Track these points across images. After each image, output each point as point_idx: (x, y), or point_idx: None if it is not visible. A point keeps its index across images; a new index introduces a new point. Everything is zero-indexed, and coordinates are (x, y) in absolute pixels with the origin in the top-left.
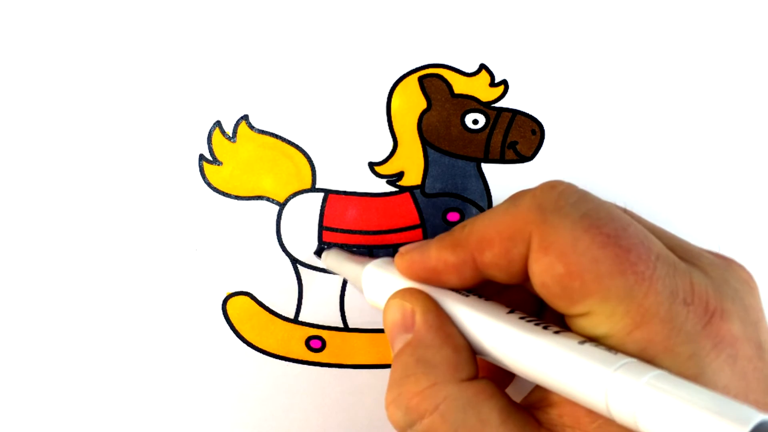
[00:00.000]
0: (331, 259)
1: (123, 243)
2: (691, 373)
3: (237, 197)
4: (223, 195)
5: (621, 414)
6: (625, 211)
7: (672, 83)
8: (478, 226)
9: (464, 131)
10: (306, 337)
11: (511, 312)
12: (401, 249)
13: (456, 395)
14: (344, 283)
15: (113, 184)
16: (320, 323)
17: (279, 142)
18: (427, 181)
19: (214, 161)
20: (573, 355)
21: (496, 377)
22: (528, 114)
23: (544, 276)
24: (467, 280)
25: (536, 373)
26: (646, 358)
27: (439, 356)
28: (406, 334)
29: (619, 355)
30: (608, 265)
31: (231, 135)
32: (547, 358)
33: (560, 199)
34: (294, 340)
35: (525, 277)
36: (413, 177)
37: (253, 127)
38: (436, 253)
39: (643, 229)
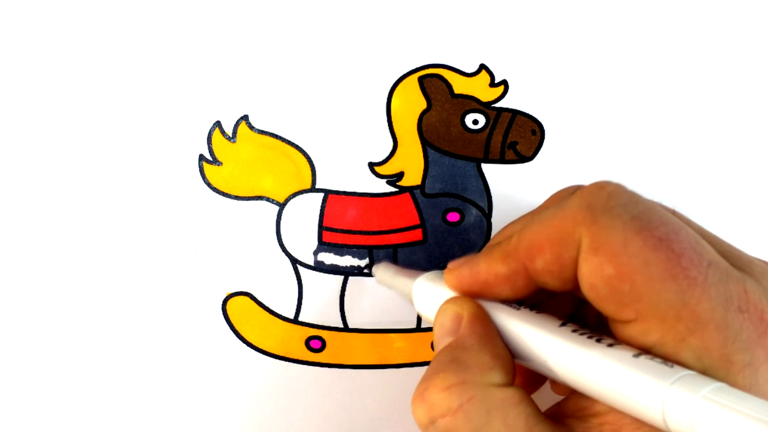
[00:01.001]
0: (381, 273)
1: (123, 243)
2: (746, 383)
3: (237, 197)
4: (223, 195)
5: (679, 427)
6: (674, 213)
7: (672, 83)
8: (526, 234)
9: (464, 131)
10: (306, 337)
11: (563, 324)
12: (449, 264)
13: (483, 396)
14: (344, 283)
15: (113, 184)
16: (320, 323)
17: (279, 142)
18: (427, 181)
19: (214, 161)
20: (628, 369)
21: (524, 385)
22: (528, 114)
23: (593, 277)
24: (520, 290)
25: (590, 386)
26: (701, 366)
27: (474, 359)
28: (450, 337)
29: (676, 368)
30: (660, 268)
31: (231, 135)
32: (602, 370)
33: (610, 200)
34: (294, 340)
35: (577, 283)
36: (413, 177)
37: (253, 127)
38: (486, 266)
39: (695, 233)
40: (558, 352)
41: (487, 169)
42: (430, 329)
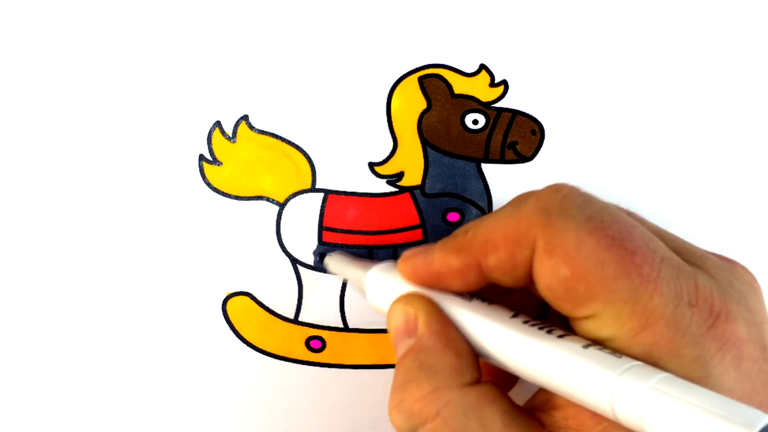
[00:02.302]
0: (334, 263)
1: (123, 243)
2: (697, 375)
3: (237, 197)
4: (223, 195)
5: (627, 417)
6: (629, 213)
7: (672, 83)
8: (482, 230)
9: (464, 131)
10: (306, 338)
11: (515, 316)
12: (404, 254)
13: (458, 400)
14: (344, 283)
15: (113, 184)
16: (320, 323)
17: (279, 142)
18: (427, 181)
19: (214, 161)
20: (578, 359)
21: (499, 381)
22: (528, 114)
23: (549, 279)
24: (471, 284)
25: (541, 377)
26: (651, 360)
27: (441, 361)
28: (409, 339)
29: (624, 359)
30: (613, 267)
31: (231, 135)
32: (551, 362)
33: (564, 202)
34: (294, 341)
35: (529, 280)
36: (413, 177)
37: (253, 128)
38: (440, 257)
39: (647, 231)
40: (509, 343)
41: (487, 169)
42: None
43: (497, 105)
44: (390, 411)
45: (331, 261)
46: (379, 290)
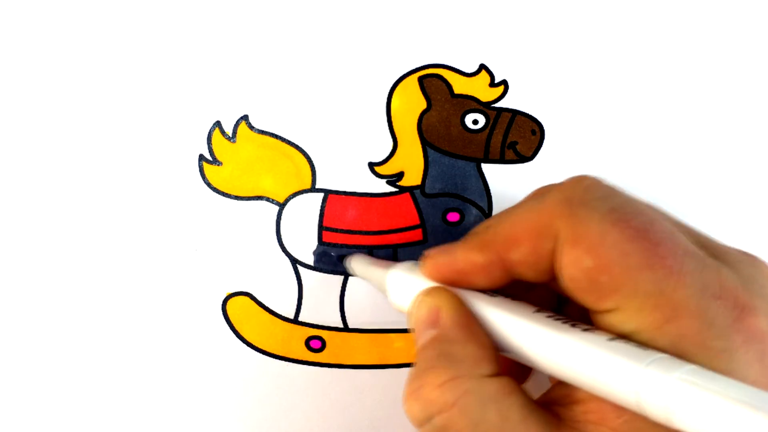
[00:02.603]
0: (356, 263)
1: (123, 243)
2: (723, 368)
3: (237, 197)
4: (223, 195)
5: (654, 409)
6: (651, 207)
7: (672, 82)
8: (504, 225)
9: (464, 131)
10: (306, 338)
11: (538, 311)
12: (426, 252)
13: (477, 390)
14: (344, 283)
15: (113, 184)
16: (320, 323)
17: (279, 142)
18: (427, 181)
19: (214, 161)
20: (603, 352)
21: (513, 375)
22: (528, 114)
23: (572, 270)
24: (495, 281)
25: (565, 371)
26: (678, 353)
27: (462, 352)
28: (431, 329)
29: (650, 351)
30: (637, 258)
31: (231, 135)
32: (576, 355)
33: (587, 193)
34: (294, 341)
35: (553, 274)
36: (413, 177)
37: (253, 127)
38: (463, 255)
39: (670, 224)
40: (533, 337)
41: (487, 169)
42: None
43: (497, 105)
44: (406, 399)
45: (353, 262)
46: (402, 290)
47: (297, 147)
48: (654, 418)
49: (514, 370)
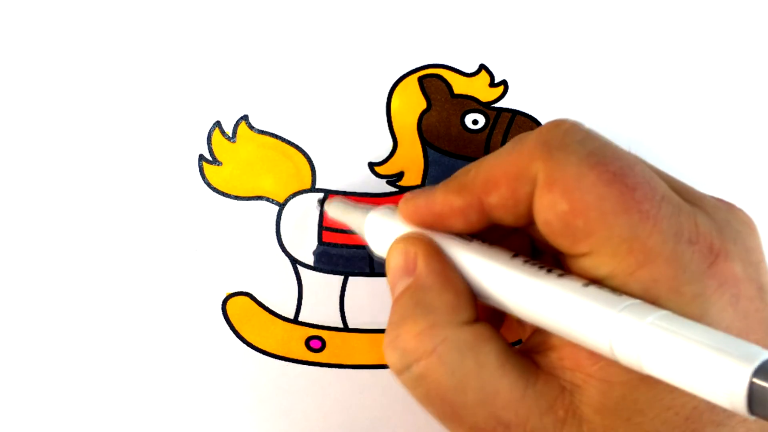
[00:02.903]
0: (334, 209)
1: (123, 243)
2: (696, 313)
3: (237, 197)
4: (223, 195)
5: (625, 355)
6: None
7: (672, 83)
8: (483, 168)
9: (464, 131)
10: (306, 337)
11: (515, 256)
12: (406, 195)
13: (454, 337)
14: (344, 283)
15: (113, 184)
16: (320, 323)
17: (279, 142)
18: (427, 181)
19: (214, 161)
20: (577, 297)
21: (491, 321)
22: (528, 114)
23: (547, 213)
24: (473, 224)
25: (540, 316)
26: (651, 298)
27: (439, 299)
28: (407, 277)
29: (623, 297)
30: (613, 203)
31: (231, 135)
32: (550, 301)
33: (566, 136)
34: (294, 341)
35: (531, 218)
36: (413, 177)
37: (253, 127)
38: (442, 197)
39: (648, 169)
40: (508, 283)
41: None
42: None
43: (497, 105)
44: (384, 348)
45: (330, 207)
46: (380, 234)
47: (297, 147)
48: (626, 364)
49: (491, 316)
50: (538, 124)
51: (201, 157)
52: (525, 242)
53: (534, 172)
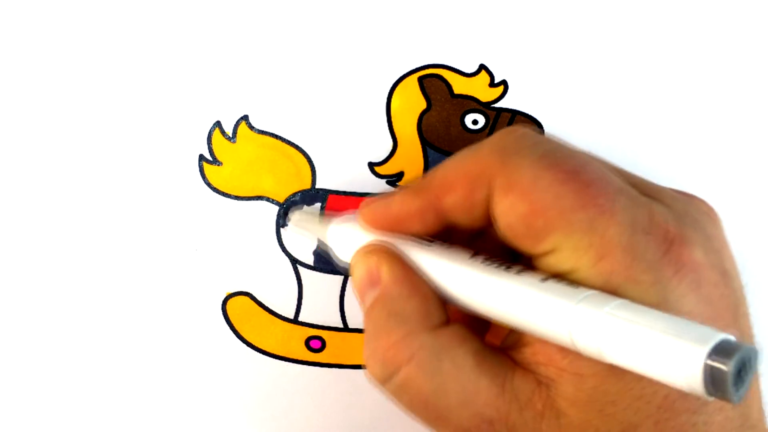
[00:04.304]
0: (297, 220)
1: (123, 243)
2: (655, 300)
3: (237, 197)
4: (223, 195)
5: (586, 345)
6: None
7: (672, 83)
8: (440, 171)
9: (464, 131)
10: (306, 338)
11: (475, 255)
12: (365, 200)
13: (429, 343)
14: (344, 283)
15: (113, 184)
16: (320, 323)
17: (279, 142)
18: None
19: (214, 161)
20: (535, 292)
21: (474, 323)
22: (528, 114)
23: (508, 216)
24: (430, 226)
25: (502, 314)
26: (610, 289)
27: (408, 307)
28: (374, 289)
29: (581, 289)
30: (570, 200)
31: (231, 135)
32: (511, 297)
33: (519, 142)
34: (294, 341)
35: (487, 221)
36: (413, 177)
37: (253, 128)
38: (399, 199)
39: (602, 165)
40: (468, 282)
41: None
42: None
43: (497, 105)
44: (365, 361)
45: (293, 218)
46: (344, 244)
47: (297, 147)
48: (588, 354)
49: (475, 318)
50: (538, 123)
51: (201, 157)
52: (487, 245)
53: (489, 178)
